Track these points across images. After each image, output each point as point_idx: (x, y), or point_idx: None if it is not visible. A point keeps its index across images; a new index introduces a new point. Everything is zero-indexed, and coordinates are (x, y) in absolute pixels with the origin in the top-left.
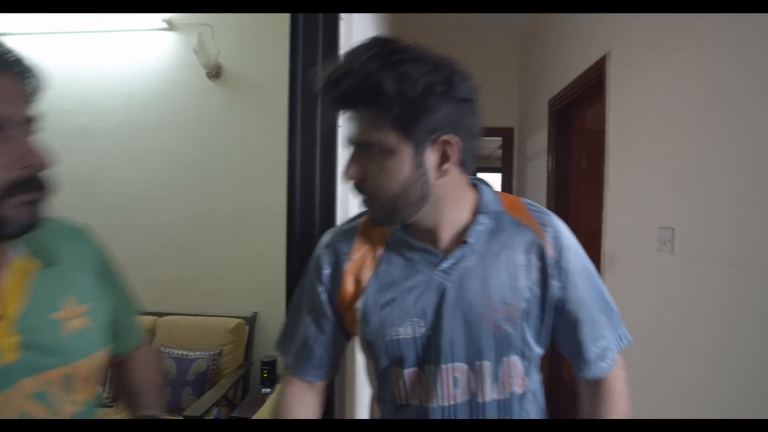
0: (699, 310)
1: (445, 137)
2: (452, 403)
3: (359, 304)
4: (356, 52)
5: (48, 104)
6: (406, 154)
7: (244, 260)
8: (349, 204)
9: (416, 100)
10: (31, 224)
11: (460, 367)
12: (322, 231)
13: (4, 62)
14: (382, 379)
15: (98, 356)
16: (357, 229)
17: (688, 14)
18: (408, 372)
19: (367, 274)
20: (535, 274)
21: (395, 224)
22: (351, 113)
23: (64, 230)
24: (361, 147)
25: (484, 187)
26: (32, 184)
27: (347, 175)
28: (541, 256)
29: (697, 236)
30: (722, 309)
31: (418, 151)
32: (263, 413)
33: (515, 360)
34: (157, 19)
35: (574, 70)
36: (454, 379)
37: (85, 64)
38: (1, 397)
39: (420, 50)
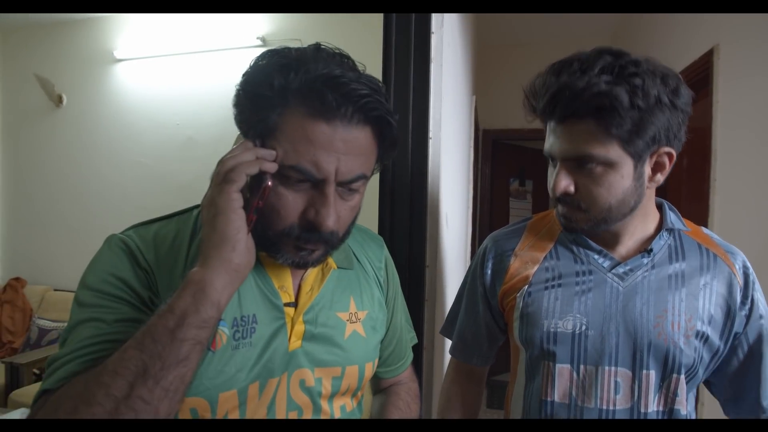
0: None
1: (665, 149)
2: (611, 408)
3: (521, 293)
4: (586, 63)
5: (162, 119)
6: (628, 167)
7: None
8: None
9: (646, 113)
10: (302, 265)
11: (623, 373)
12: (413, 228)
13: (373, 115)
14: (530, 371)
15: (366, 367)
16: (524, 227)
17: None
18: (559, 368)
19: (533, 267)
20: (719, 301)
21: (594, 234)
22: (564, 126)
23: (364, 237)
24: (573, 160)
25: (667, 206)
26: (312, 236)
27: (558, 188)
28: (729, 285)
29: None
30: None
31: (640, 163)
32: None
33: (682, 379)
34: (252, 37)
35: (676, 65)
36: (616, 383)
37: (191, 82)
38: (283, 378)
39: (649, 61)
